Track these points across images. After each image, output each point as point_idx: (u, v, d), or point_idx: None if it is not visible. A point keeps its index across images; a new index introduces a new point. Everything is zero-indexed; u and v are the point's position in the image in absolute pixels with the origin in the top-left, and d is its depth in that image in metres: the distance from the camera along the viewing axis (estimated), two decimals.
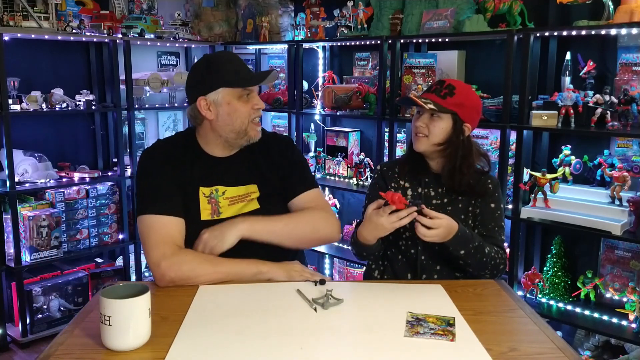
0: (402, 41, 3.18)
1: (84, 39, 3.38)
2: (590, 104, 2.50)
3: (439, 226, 1.57)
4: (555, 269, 2.76)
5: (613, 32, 2.52)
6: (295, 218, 1.71)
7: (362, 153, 3.50)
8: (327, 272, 3.74)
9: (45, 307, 3.23)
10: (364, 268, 1.97)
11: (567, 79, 2.65)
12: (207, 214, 1.67)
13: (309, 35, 3.58)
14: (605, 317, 2.59)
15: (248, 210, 1.70)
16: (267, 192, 1.74)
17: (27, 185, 3.16)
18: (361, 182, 3.36)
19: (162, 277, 1.53)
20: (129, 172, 3.61)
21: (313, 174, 1.85)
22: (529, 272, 2.78)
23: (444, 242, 1.62)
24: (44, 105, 3.20)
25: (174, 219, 1.60)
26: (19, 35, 3.12)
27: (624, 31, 2.47)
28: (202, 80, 1.66)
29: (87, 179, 3.41)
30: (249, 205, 1.71)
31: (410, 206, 1.56)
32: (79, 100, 3.35)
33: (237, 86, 1.64)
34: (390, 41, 3.14)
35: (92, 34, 3.39)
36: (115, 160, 3.67)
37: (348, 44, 3.58)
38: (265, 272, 1.60)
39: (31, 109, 3.14)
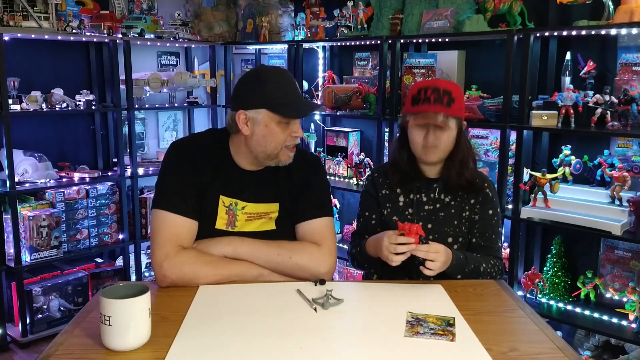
0: (402, 41, 3.18)
1: (84, 39, 3.38)
2: (590, 104, 2.50)
3: (437, 251, 1.57)
4: (555, 269, 2.76)
5: (613, 32, 2.52)
6: (286, 255, 1.61)
7: (362, 153, 3.50)
8: None
9: (45, 307, 3.23)
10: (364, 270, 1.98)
11: (567, 79, 2.65)
12: (222, 223, 1.65)
13: (309, 35, 3.58)
14: (605, 317, 2.58)
15: (263, 230, 1.67)
16: (286, 214, 1.69)
17: (27, 185, 3.16)
18: (361, 182, 3.36)
19: (164, 278, 1.54)
20: (129, 172, 3.61)
21: (332, 200, 1.78)
22: (529, 272, 2.78)
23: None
24: (44, 105, 3.20)
25: (187, 220, 1.59)
26: (19, 35, 3.12)
27: (624, 31, 2.47)
28: (247, 94, 1.59)
29: (87, 179, 3.41)
30: (265, 224, 1.67)
31: (423, 241, 1.56)
32: (79, 100, 3.35)
33: (280, 114, 1.57)
34: (390, 41, 3.14)
35: (92, 34, 3.39)
36: (115, 160, 3.67)
37: (348, 44, 3.58)
38: (266, 275, 1.60)
39: (31, 109, 3.14)
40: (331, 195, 1.78)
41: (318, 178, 1.74)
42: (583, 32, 2.59)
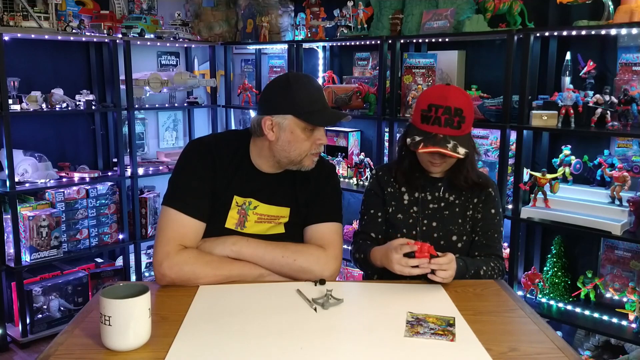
0: (402, 41, 3.18)
1: (84, 39, 3.39)
2: (590, 104, 2.50)
3: (451, 260, 1.56)
4: (555, 269, 2.76)
5: (613, 32, 2.52)
6: (291, 258, 1.60)
7: (362, 153, 3.50)
8: None
9: (45, 307, 3.23)
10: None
11: (567, 79, 2.65)
12: (232, 223, 1.65)
13: (309, 35, 3.58)
14: (605, 317, 2.58)
15: (272, 233, 1.67)
16: (296, 219, 1.69)
17: (27, 185, 3.16)
18: (361, 182, 3.36)
19: (163, 277, 1.54)
20: (129, 172, 3.61)
21: (342, 208, 1.76)
22: (529, 272, 2.78)
23: None
24: (44, 105, 3.20)
25: (194, 221, 1.58)
26: (19, 35, 3.12)
27: (624, 31, 2.47)
28: (275, 99, 1.60)
29: (87, 179, 3.41)
30: (274, 228, 1.68)
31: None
32: (79, 100, 3.35)
33: (306, 121, 1.58)
34: (390, 41, 3.14)
35: (92, 34, 3.39)
36: (115, 160, 3.67)
37: (348, 44, 3.58)
38: (266, 275, 1.61)
39: (31, 109, 3.14)
40: (342, 204, 1.77)
41: (332, 184, 1.75)
42: (583, 32, 2.59)
